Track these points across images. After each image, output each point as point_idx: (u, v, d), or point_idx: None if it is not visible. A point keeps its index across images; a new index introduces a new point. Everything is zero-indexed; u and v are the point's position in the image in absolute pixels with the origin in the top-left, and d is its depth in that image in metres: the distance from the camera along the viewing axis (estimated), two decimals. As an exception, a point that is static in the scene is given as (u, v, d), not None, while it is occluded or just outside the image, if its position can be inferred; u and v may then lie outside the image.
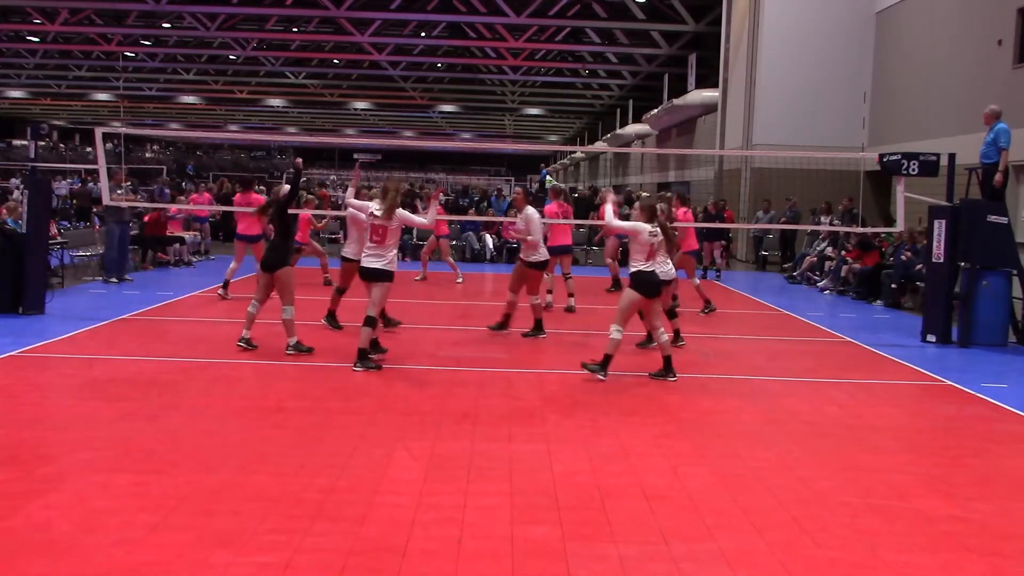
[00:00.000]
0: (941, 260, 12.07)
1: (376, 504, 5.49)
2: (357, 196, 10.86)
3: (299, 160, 11.11)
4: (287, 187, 10.19)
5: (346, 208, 10.95)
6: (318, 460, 6.30)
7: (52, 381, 8.53)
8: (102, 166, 12.44)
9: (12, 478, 5.73)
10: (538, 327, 11.44)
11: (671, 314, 11.03)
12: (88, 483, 5.70)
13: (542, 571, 4.67)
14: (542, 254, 11.38)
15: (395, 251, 9.36)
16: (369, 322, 9.23)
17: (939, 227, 11.99)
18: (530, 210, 11.48)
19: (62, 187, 32.73)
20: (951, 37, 19.12)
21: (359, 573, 4.55)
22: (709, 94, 29.38)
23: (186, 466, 6.10)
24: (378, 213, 9.22)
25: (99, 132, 12.38)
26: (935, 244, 12.09)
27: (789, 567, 4.83)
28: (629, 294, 9.18)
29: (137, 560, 4.60)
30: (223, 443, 6.69)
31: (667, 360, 9.38)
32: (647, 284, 9.13)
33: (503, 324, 11.52)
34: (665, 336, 9.52)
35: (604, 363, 9.15)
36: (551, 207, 14.24)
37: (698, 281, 14.04)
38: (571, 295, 13.88)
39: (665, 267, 10.54)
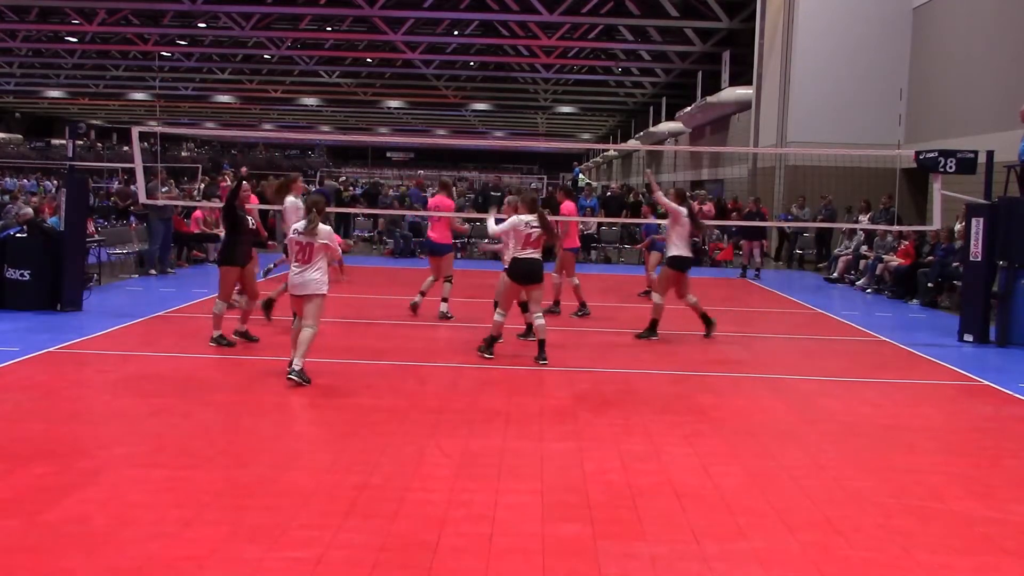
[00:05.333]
0: (979, 259, 11.90)
1: (408, 501, 5.51)
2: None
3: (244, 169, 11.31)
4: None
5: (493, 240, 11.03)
6: (350, 457, 6.33)
7: (89, 377, 8.64)
8: (139, 165, 12.58)
9: (50, 472, 5.81)
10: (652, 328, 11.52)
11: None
12: (124, 478, 5.77)
13: (573, 569, 4.66)
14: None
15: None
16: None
17: (977, 225, 11.82)
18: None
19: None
20: (989, 33, 18.85)
21: (390, 569, 4.57)
22: (743, 91, 29.18)
23: (219, 462, 6.16)
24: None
25: (135, 131, 12.51)
26: (973, 243, 11.92)
27: (822, 567, 4.79)
28: (504, 279, 9.95)
29: (171, 554, 4.65)
30: (256, 439, 6.75)
31: (541, 344, 9.76)
32: (523, 271, 9.79)
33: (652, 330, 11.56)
34: (540, 320, 9.84)
35: (488, 343, 9.91)
36: (570, 205, 14.29)
37: (576, 281, 13.35)
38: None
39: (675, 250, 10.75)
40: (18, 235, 12.02)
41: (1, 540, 4.75)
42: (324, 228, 8.64)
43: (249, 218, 10.17)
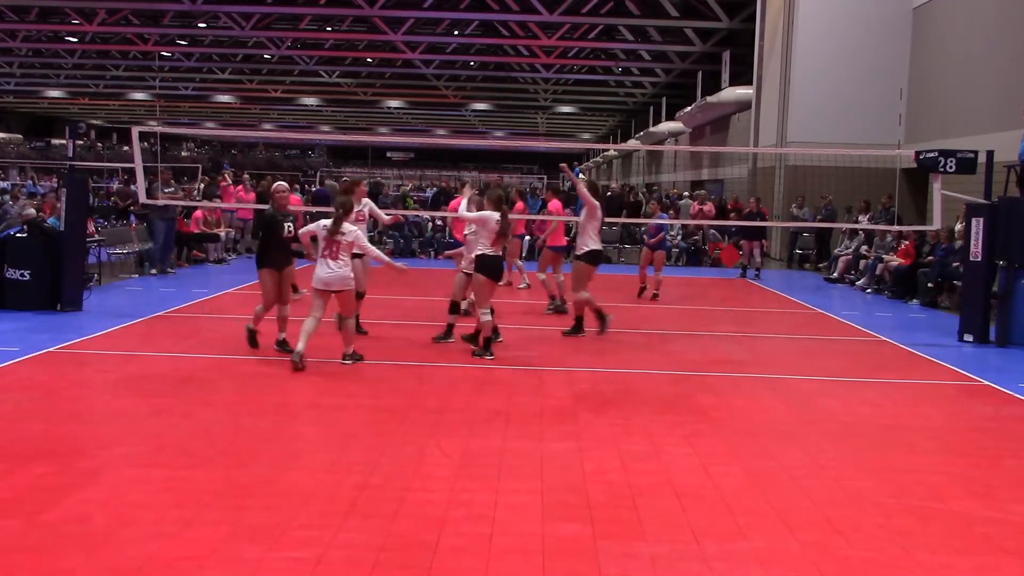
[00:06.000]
0: (979, 259, 11.88)
1: (408, 501, 5.51)
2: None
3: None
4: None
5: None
6: (350, 457, 6.34)
7: (89, 377, 8.63)
8: (139, 165, 12.58)
9: (50, 472, 5.81)
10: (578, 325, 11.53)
11: None
12: (124, 478, 5.77)
13: (573, 569, 4.66)
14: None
15: None
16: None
17: (977, 225, 11.80)
18: None
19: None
20: (988, 33, 18.85)
21: (390, 569, 4.58)
22: (743, 91, 29.18)
23: (219, 462, 6.16)
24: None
25: (135, 131, 12.51)
26: (973, 243, 11.90)
27: (822, 567, 4.80)
28: (478, 278, 10.02)
29: (171, 554, 4.65)
30: (256, 439, 6.75)
31: (476, 335, 10.13)
32: (493, 268, 10.07)
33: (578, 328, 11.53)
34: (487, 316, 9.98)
35: (486, 345, 9.94)
36: (557, 204, 14.37)
37: (546, 277, 13.64)
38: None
39: None
40: (18, 235, 12.03)
41: (1, 540, 4.75)
42: (350, 227, 9.26)
43: (287, 224, 9.93)
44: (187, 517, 5.13)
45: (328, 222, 9.19)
